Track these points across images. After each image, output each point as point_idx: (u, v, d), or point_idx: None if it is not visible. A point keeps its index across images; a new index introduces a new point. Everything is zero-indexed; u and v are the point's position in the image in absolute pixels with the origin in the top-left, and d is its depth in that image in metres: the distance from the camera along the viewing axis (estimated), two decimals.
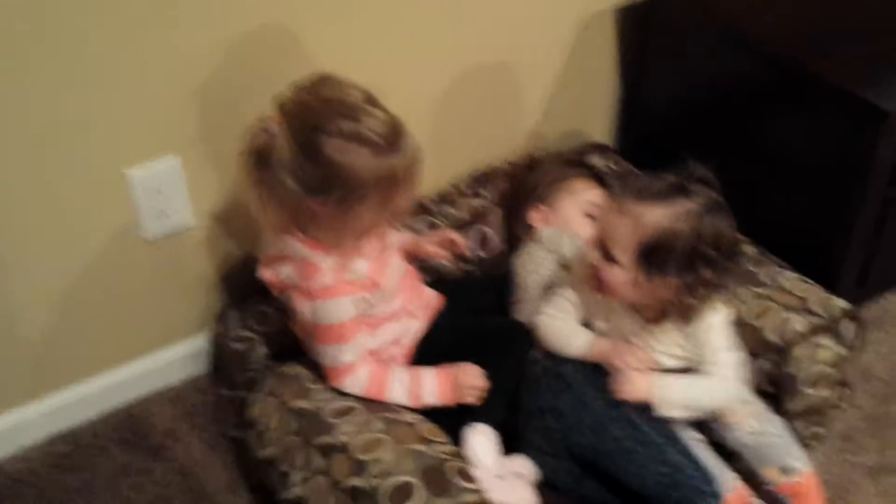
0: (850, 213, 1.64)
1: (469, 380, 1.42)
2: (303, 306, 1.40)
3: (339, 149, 1.28)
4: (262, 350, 1.58)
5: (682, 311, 1.38)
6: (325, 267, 1.36)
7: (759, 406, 1.47)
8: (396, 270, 1.48)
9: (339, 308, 1.37)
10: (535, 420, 1.44)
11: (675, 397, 1.40)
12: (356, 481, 1.29)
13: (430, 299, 1.57)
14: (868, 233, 1.68)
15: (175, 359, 1.74)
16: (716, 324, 1.42)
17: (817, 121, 1.65)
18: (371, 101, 1.32)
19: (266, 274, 1.42)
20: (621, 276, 1.36)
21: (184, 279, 1.67)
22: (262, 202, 1.34)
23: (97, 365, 1.67)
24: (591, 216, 1.67)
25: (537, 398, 1.44)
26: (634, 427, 1.37)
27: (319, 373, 1.46)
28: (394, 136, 1.31)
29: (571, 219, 1.67)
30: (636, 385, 1.39)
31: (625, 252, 1.35)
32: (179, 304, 1.70)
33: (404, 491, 1.26)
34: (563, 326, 1.47)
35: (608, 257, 1.37)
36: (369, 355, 1.43)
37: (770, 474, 1.42)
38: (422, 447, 1.33)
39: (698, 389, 1.43)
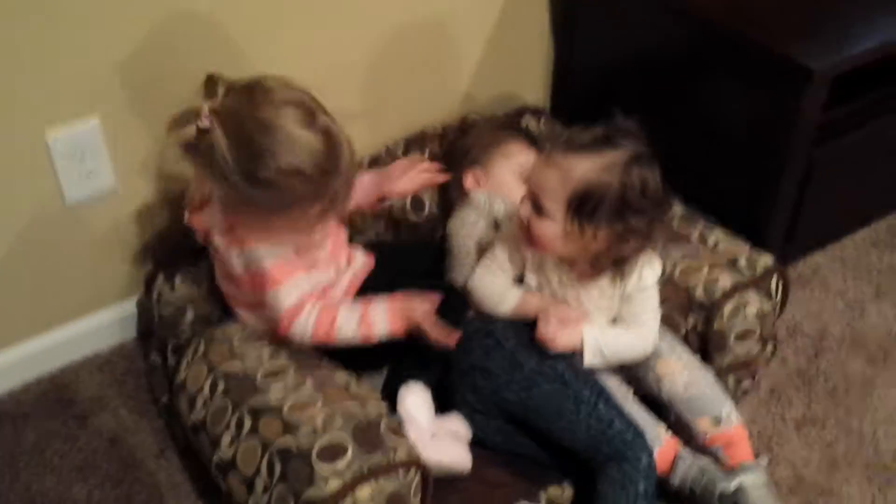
0: (775, 173, 1.66)
1: (419, 311, 1.41)
2: (230, 253, 1.38)
3: (277, 176, 1.26)
4: (190, 315, 1.55)
5: (615, 263, 1.39)
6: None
7: (690, 358, 1.50)
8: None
9: (267, 250, 1.35)
10: (466, 378, 1.44)
11: (601, 349, 1.43)
12: (287, 441, 1.27)
13: (356, 258, 1.57)
14: (793, 192, 1.70)
15: (103, 325, 1.70)
16: (650, 285, 1.44)
17: (744, 80, 1.66)
18: (310, 113, 1.28)
19: (193, 220, 1.39)
20: (552, 228, 1.36)
21: (109, 244, 1.63)
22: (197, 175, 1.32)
23: (19, 333, 1.63)
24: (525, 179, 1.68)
25: (468, 356, 1.44)
26: (564, 383, 1.38)
27: (249, 335, 1.45)
28: (330, 159, 1.28)
29: (505, 182, 1.66)
30: (564, 336, 1.41)
31: (555, 204, 1.35)
32: (106, 269, 1.66)
33: (335, 449, 1.25)
34: (493, 286, 1.47)
35: (539, 211, 1.37)
36: (312, 296, 1.40)
37: (702, 424, 1.44)
38: (353, 406, 1.32)
39: (623, 343, 1.46)
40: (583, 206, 1.33)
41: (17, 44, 1.38)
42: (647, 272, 1.44)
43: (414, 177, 1.65)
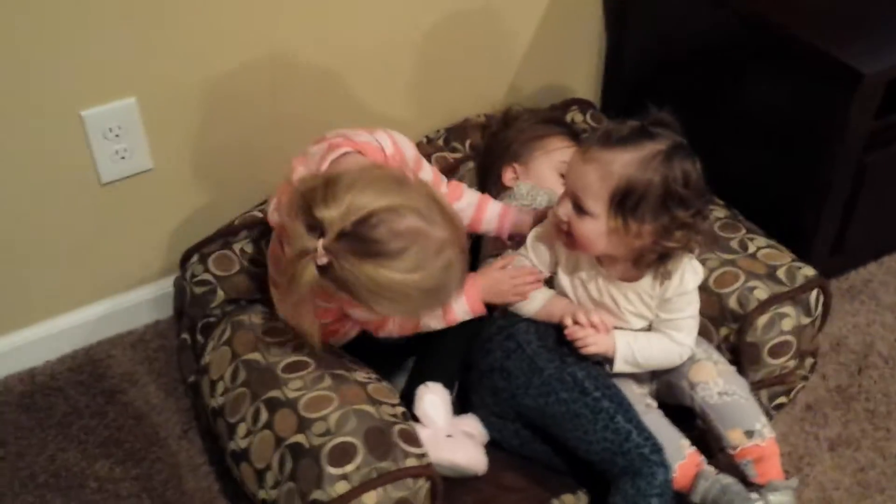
0: (823, 180, 1.59)
1: (507, 281, 1.42)
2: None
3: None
4: (221, 295, 1.56)
5: (659, 258, 1.35)
6: None
7: (726, 365, 1.45)
8: None
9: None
10: (485, 379, 1.42)
11: (634, 354, 1.40)
12: (299, 438, 1.27)
13: None
14: (842, 200, 1.63)
15: (139, 303, 1.72)
16: (691, 289, 1.40)
17: (793, 81, 1.59)
18: (426, 247, 1.20)
19: (274, 217, 1.38)
20: (595, 226, 1.32)
21: (144, 223, 1.65)
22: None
23: (56, 306, 1.66)
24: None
25: (488, 357, 1.42)
26: (583, 392, 1.35)
27: (276, 323, 1.44)
28: (443, 274, 1.22)
29: (545, 178, 1.63)
30: (597, 339, 1.38)
31: (597, 201, 1.30)
32: (141, 248, 1.67)
33: (345, 452, 1.24)
34: None
35: (580, 210, 1.33)
36: None
37: (734, 436, 1.39)
38: (369, 408, 1.31)
39: (658, 349, 1.42)
40: (626, 200, 1.29)
41: (55, 23, 1.38)
42: (690, 276, 1.39)
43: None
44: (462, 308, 1.42)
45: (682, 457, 1.38)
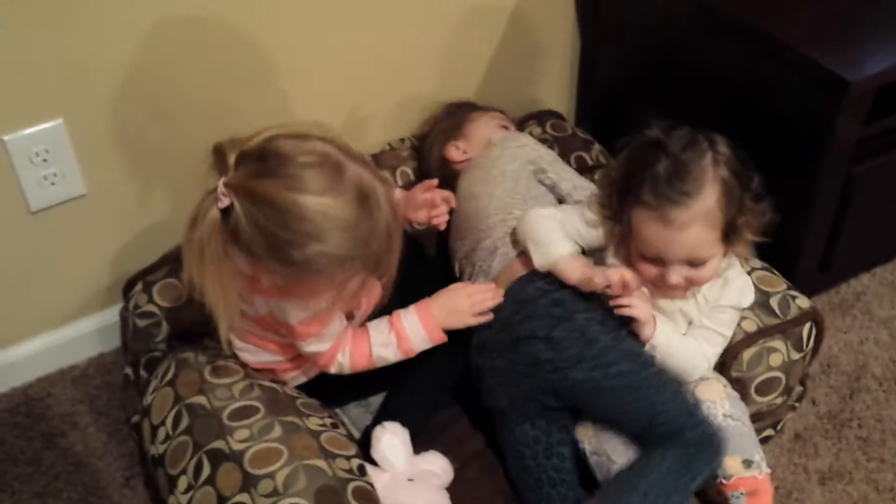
0: (810, 191, 1.49)
1: (466, 301, 1.32)
2: (252, 297, 1.24)
3: (308, 260, 1.11)
4: (166, 328, 1.45)
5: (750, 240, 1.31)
6: None
7: (732, 391, 1.36)
8: None
9: (296, 308, 1.22)
10: (522, 346, 1.30)
11: (669, 347, 1.31)
12: (243, 498, 1.16)
13: None
14: (830, 212, 1.53)
15: (80, 335, 1.61)
16: (744, 305, 1.36)
17: (776, 90, 1.49)
18: (335, 171, 1.12)
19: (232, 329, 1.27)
20: (716, 263, 1.29)
21: (80, 251, 1.53)
22: (220, 270, 1.16)
23: None
24: (505, 127, 1.64)
25: (529, 323, 1.30)
26: (645, 364, 1.28)
27: (225, 361, 1.33)
28: (365, 221, 1.13)
29: (487, 134, 1.61)
30: (643, 307, 1.30)
31: (713, 246, 1.27)
32: (79, 277, 1.56)
33: None
34: (548, 230, 1.34)
35: (697, 264, 1.27)
36: (344, 339, 1.30)
37: (732, 464, 1.28)
38: (321, 463, 1.19)
39: (689, 354, 1.33)
40: (733, 224, 1.26)
41: None
42: (748, 292, 1.35)
43: (434, 215, 1.44)
44: (418, 335, 1.31)
45: None
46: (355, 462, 1.24)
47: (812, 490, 1.45)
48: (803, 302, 1.41)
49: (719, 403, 1.32)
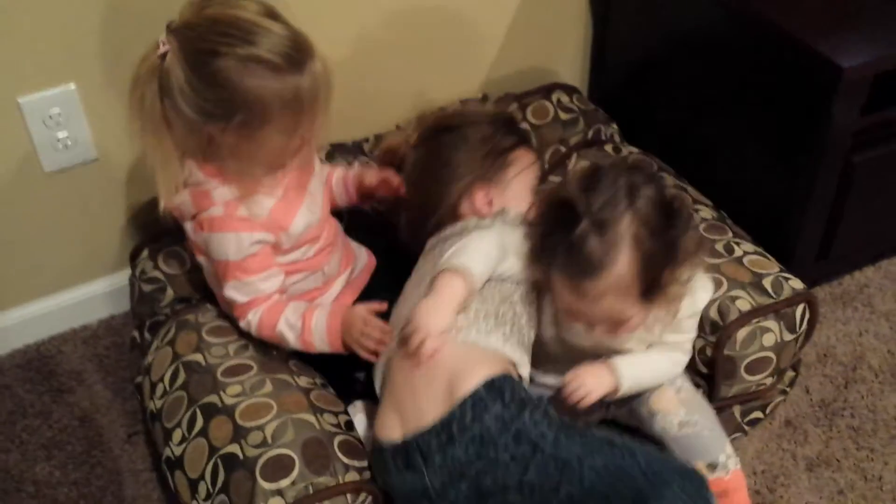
0: (806, 179, 1.49)
1: (359, 326, 1.26)
2: (197, 237, 1.31)
3: (236, 71, 1.17)
4: (170, 293, 1.49)
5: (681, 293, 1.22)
6: (217, 196, 1.26)
7: (690, 392, 1.35)
8: (314, 216, 1.35)
9: (224, 244, 1.27)
10: (490, 500, 1.14)
11: (636, 378, 1.28)
12: (233, 448, 1.20)
13: (360, 258, 1.48)
14: (827, 202, 1.53)
15: (92, 297, 1.66)
16: (701, 309, 1.30)
17: (775, 74, 1.49)
18: (270, 14, 1.20)
19: (170, 207, 1.31)
20: (641, 317, 1.19)
21: (92, 214, 1.58)
22: (159, 130, 1.22)
23: (5, 301, 1.60)
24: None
25: (495, 472, 1.12)
26: (611, 444, 1.15)
27: (220, 326, 1.38)
28: (296, 53, 1.19)
29: (522, 198, 1.38)
30: (598, 382, 1.25)
31: (633, 307, 1.17)
32: (91, 240, 1.61)
33: (281, 465, 1.16)
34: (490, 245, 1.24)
35: (620, 324, 1.20)
36: (274, 295, 1.32)
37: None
38: (309, 417, 1.23)
39: (657, 371, 1.31)
40: (654, 283, 1.16)
41: None
42: (702, 294, 1.28)
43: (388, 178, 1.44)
44: (320, 335, 1.29)
45: None
46: (343, 418, 1.27)
47: (799, 476, 1.46)
48: (796, 283, 1.41)
49: (673, 413, 1.30)
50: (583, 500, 1.13)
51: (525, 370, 1.24)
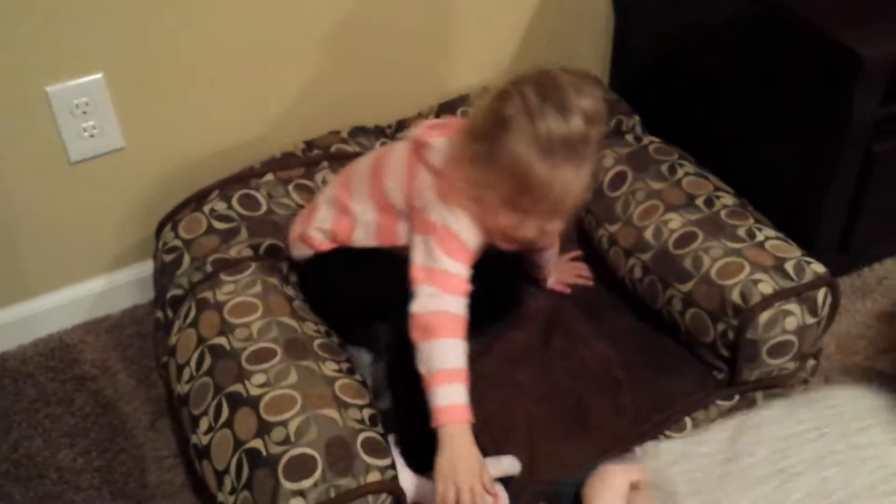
0: (827, 169, 1.49)
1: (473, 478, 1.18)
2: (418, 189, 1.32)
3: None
4: (187, 259, 1.46)
5: None
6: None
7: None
8: None
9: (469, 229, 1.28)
10: None
11: None
12: (257, 444, 1.20)
13: None
14: (848, 192, 1.53)
15: (116, 286, 1.67)
16: None
17: (797, 63, 1.49)
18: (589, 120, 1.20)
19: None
20: None
21: (117, 204, 1.59)
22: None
23: (30, 290, 1.61)
24: None
25: None
26: None
27: (240, 302, 1.36)
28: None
29: None
30: None
31: None
32: (116, 229, 1.62)
33: (304, 465, 1.16)
34: None
35: None
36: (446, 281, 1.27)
37: None
38: (334, 413, 1.22)
39: None
40: None
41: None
42: None
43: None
44: (444, 398, 1.21)
45: None
46: (367, 412, 1.27)
47: None
48: (818, 267, 1.41)
49: None
50: None
51: None
